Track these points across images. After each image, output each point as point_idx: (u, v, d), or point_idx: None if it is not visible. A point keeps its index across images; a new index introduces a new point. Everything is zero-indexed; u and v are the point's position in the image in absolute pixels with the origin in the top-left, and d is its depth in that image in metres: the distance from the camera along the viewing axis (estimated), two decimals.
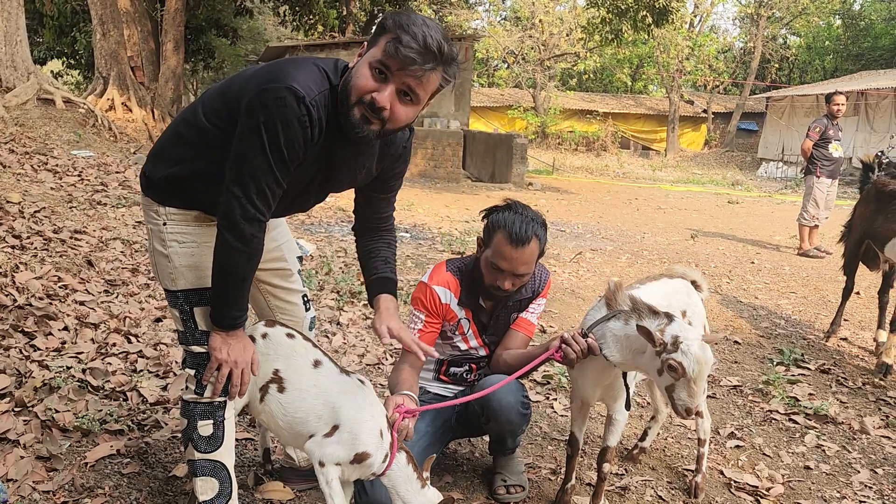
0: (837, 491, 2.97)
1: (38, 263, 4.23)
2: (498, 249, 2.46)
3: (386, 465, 2.12)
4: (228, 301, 2.01)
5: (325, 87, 1.88)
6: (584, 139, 30.58)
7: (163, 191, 2.05)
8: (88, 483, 2.48)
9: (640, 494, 2.84)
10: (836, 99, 8.45)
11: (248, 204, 1.87)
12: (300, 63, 1.91)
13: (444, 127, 16.85)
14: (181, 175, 2.02)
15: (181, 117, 2.09)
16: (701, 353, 2.00)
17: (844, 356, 4.75)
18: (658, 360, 2.05)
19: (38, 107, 8.96)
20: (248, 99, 1.83)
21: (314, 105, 1.83)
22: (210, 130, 1.97)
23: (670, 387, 2.04)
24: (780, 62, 34.68)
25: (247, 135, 1.83)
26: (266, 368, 2.17)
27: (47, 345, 3.38)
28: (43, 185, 6.25)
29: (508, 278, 2.48)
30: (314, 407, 2.13)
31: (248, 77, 1.94)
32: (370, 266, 2.32)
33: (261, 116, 1.80)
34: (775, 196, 17.34)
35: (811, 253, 8.65)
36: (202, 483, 2.14)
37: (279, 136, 1.81)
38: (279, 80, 1.81)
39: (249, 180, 1.86)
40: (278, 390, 2.15)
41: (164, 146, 2.09)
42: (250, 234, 1.91)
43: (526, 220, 2.47)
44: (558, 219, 10.70)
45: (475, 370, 2.78)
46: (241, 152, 1.85)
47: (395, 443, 2.14)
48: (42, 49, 22.03)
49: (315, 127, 1.85)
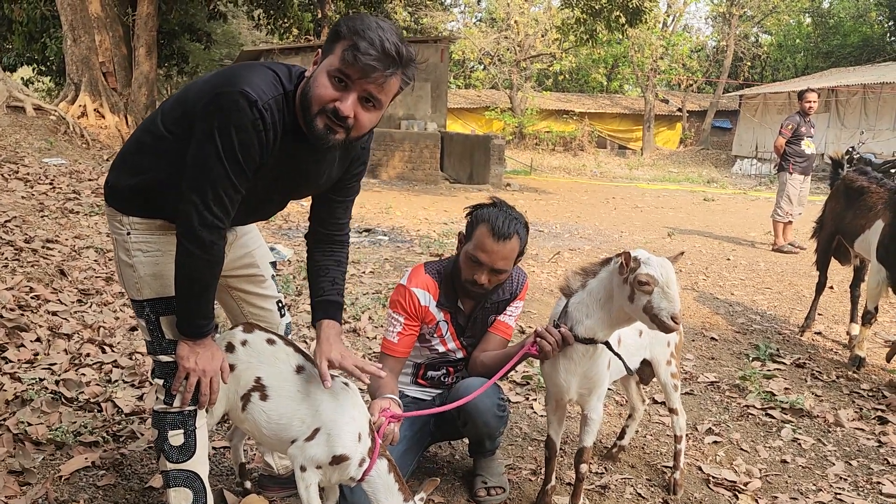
0: (813, 484, 3.01)
1: (8, 274, 4.16)
2: (479, 242, 2.47)
3: (364, 470, 2.11)
4: (193, 310, 1.99)
5: (278, 91, 1.87)
6: (561, 139, 30.74)
7: (126, 200, 2.03)
8: (63, 496, 2.44)
9: (620, 493, 2.85)
10: (807, 96, 8.56)
11: (206, 211, 1.85)
12: (254, 67, 1.90)
13: (422, 129, 16.85)
14: (144, 184, 2.00)
15: (142, 126, 2.07)
16: (661, 260, 2.10)
17: (819, 350, 4.81)
18: (627, 286, 2.11)
19: (7, 114, 8.82)
20: (203, 104, 1.83)
21: (267, 109, 1.82)
22: (169, 139, 1.95)
23: (647, 305, 2.07)
24: (753, 60, 35.11)
25: (202, 140, 1.82)
26: (247, 377, 2.14)
27: (19, 357, 3.33)
28: (14, 193, 6.15)
29: (486, 273, 2.49)
30: (298, 412, 2.11)
31: (203, 83, 1.94)
32: (317, 285, 2.27)
33: (214, 122, 1.79)
34: (750, 193, 17.55)
35: (785, 248, 8.76)
36: (176, 494, 2.11)
37: (233, 140, 1.80)
38: (232, 84, 1.80)
39: (206, 186, 1.84)
40: (261, 398, 2.12)
41: (126, 155, 2.07)
42: (209, 241, 1.89)
43: (509, 218, 2.50)
44: (536, 219, 10.73)
45: (452, 373, 2.78)
46: (196, 158, 1.84)
47: (377, 448, 2.13)
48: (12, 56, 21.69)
49: (269, 131, 1.84)
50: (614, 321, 2.26)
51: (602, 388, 2.45)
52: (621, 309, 2.18)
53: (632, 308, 2.13)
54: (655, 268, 2.07)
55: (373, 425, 2.17)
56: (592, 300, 2.27)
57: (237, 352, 2.17)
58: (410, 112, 17.72)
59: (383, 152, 15.59)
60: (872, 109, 20.24)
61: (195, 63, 24.00)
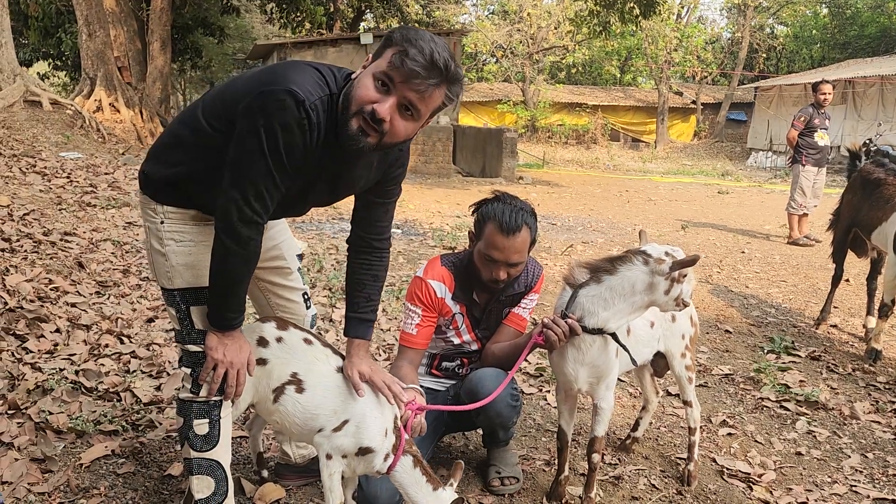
0: (828, 476, 3.00)
1: (28, 266, 4.21)
2: (490, 240, 2.48)
3: (389, 465, 2.14)
4: (225, 303, 2.01)
5: (325, 92, 1.87)
6: (573, 132, 30.61)
7: (161, 190, 2.05)
8: (84, 484, 2.49)
9: (634, 483, 2.86)
10: (822, 88, 8.49)
11: (246, 207, 1.87)
12: (300, 67, 1.90)
13: (434, 122, 16.84)
14: (180, 176, 2.02)
15: (180, 118, 2.09)
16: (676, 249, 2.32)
17: (834, 343, 4.79)
18: (667, 281, 2.24)
19: (24, 109, 8.91)
20: (247, 101, 1.82)
21: (314, 109, 1.82)
22: (208, 133, 1.96)
23: (680, 295, 2.27)
24: (768, 52, 34.78)
25: (245, 137, 1.82)
26: (281, 371, 2.17)
27: (39, 347, 3.38)
28: (32, 187, 6.22)
29: (503, 268, 2.50)
30: (332, 404, 2.15)
31: (248, 79, 1.94)
32: (353, 300, 2.29)
33: (260, 119, 1.79)
34: (765, 186, 17.42)
35: (801, 241, 8.70)
36: (198, 481, 2.15)
37: (278, 139, 1.80)
38: (279, 83, 1.80)
39: (247, 183, 1.85)
40: (297, 391, 2.15)
41: (163, 147, 2.09)
42: (247, 236, 1.91)
43: (515, 210, 2.50)
44: (549, 212, 10.72)
45: (467, 364, 2.80)
46: (239, 155, 1.85)
47: (402, 445, 2.16)
48: (28, 51, 21.87)
49: (314, 131, 1.84)
50: (633, 312, 2.33)
51: (611, 376, 2.46)
52: (650, 301, 2.29)
53: (665, 299, 2.27)
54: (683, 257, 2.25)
55: (399, 421, 2.19)
56: (613, 294, 2.29)
57: (270, 347, 2.19)
58: None
59: None
60: (890, 101, 20.01)
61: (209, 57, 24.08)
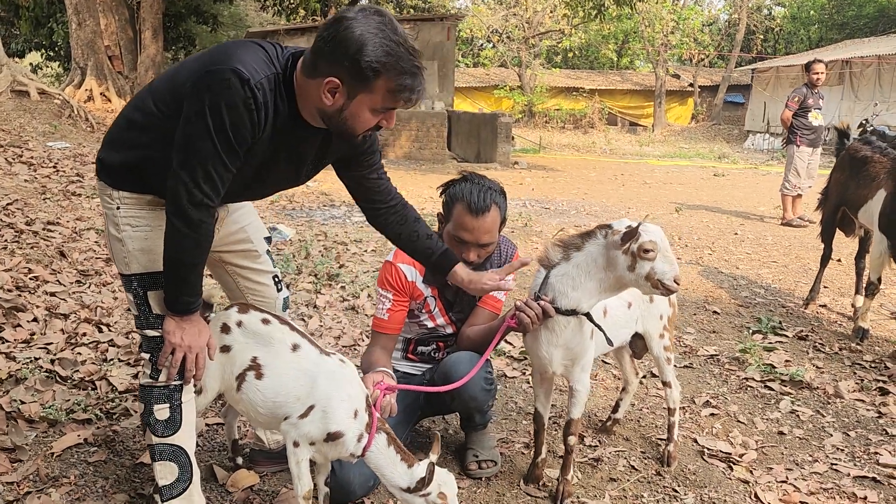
0: (809, 454, 2.98)
1: (7, 256, 4.18)
2: (459, 221, 2.45)
3: (363, 446, 2.11)
4: (180, 287, 1.99)
5: (271, 70, 1.86)
6: (571, 117, 30.47)
7: (116, 175, 2.03)
8: (53, 473, 2.46)
9: (613, 465, 2.84)
10: (815, 67, 8.43)
11: (195, 189, 1.84)
12: (246, 45, 1.89)
13: (429, 108, 16.75)
14: (134, 161, 2.00)
15: (132, 103, 2.07)
16: (655, 227, 2.15)
17: (823, 322, 4.77)
18: (626, 256, 2.14)
19: (11, 99, 8.84)
20: (193, 81, 1.81)
21: (259, 88, 1.80)
22: (159, 116, 1.94)
23: (650, 272, 2.12)
24: (766, 33, 34.56)
25: (192, 118, 1.80)
26: (243, 357, 2.15)
27: (16, 337, 3.35)
28: (17, 177, 6.18)
29: (473, 249, 2.47)
30: (294, 390, 2.11)
31: (194, 60, 1.93)
32: (422, 249, 2.33)
33: (205, 99, 1.78)
34: (761, 167, 17.35)
35: (794, 222, 8.66)
36: (161, 467, 2.12)
37: (224, 118, 1.78)
38: (223, 62, 1.79)
39: (196, 164, 1.83)
40: (256, 377, 2.13)
41: (117, 132, 2.06)
42: (198, 219, 1.88)
43: (483, 189, 2.46)
44: (543, 196, 10.67)
45: (443, 348, 2.77)
46: (186, 136, 1.83)
47: (375, 423, 2.13)
48: (20, 41, 21.73)
49: (261, 110, 1.83)
50: (604, 291, 2.27)
51: (586, 358, 2.43)
52: (617, 279, 2.20)
53: (632, 276, 2.16)
54: (654, 234, 2.11)
55: (370, 401, 2.16)
56: (580, 272, 2.26)
57: (232, 332, 2.17)
58: None
59: (390, 132, 15.52)
60: (887, 81, 19.88)
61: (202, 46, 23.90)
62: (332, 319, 4.26)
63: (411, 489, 2.08)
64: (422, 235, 2.31)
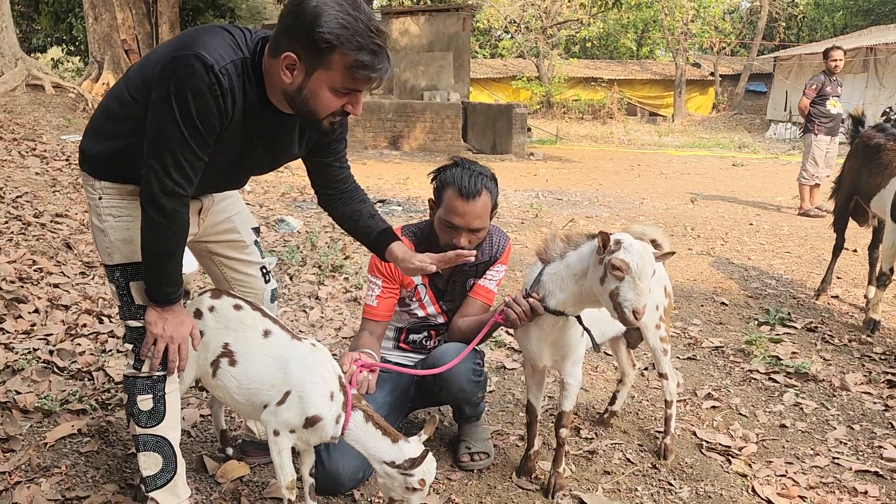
0: (811, 448, 2.92)
1: (13, 248, 4.22)
2: (450, 206, 2.42)
3: (341, 426, 2.09)
4: (159, 276, 1.99)
5: (237, 55, 1.84)
6: (589, 107, 30.20)
7: (97, 165, 2.03)
8: (45, 463, 2.48)
9: (608, 458, 2.80)
10: (833, 54, 8.27)
11: (166, 177, 1.84)
12: (212, 30, 1.87)
13: (444, 99, 16.69)
14: (113, 150, 2.00)
15: (110, 93, 2.07)
16: (642, 250, 1.98)
17: (833, 314, 4.67)
18: (601, 267, 2.03)
19: (26, 93, 8.94)
20: (159, 68, 1.80)
21: (224, 73, 1.79)
22: (133, 105, 1.94)
23: (614, 292, 1.98)
24: (788, 21, 33.99)
25: (159, 105, 1.80)
26: (216, 343, 2.15)
27: (16, 327, 3.38)
28: (28, 170, 6.24)
29: (464, 235, 2.44)
30: (267, 376, 2.10)
31: (163, 48, 1.92)
32: (362, 227, 2.31)
33: (171, 86, 1.77)
34: (782, 157, 17.08)
35: (812, 212, 8.52)
36: (145, 458, 2.12)
37: (190, 105, 1.77)
38: (188, 48, 1.77)
39: (165, 153, 1.82)
40: (229, 363, 2.13)
41: (96, 122, 2.07)
42: (171, 208, 1.88)
43: (474, 174, 2.43)
44: (556, 187, 10.59)
45: (434, 337, 2.75)
46: (154, 124, 1.82)
47: (349, 401, 2.10)
48: (41, 36, 21.98)
49: (227, 96, 1.81)
50: (584, 300, 2.18)
51: (577, 353, 2.39)
52: (591, 289, 2.10)
53: (600, 290, 2.05)
54: (633, 256, 1.96)
55: (343, 380, 2.14)
56: (568, 274, 2.19)
57: (205, 318, 2.17)
58: (433, 82, 17.56)
59: (404, 123, 15.50)
60: None
61: None
62: (333, 311, 4.25)
63: (396, 464, 2.05)
64: (364, 215, 2.30)
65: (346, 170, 2.32)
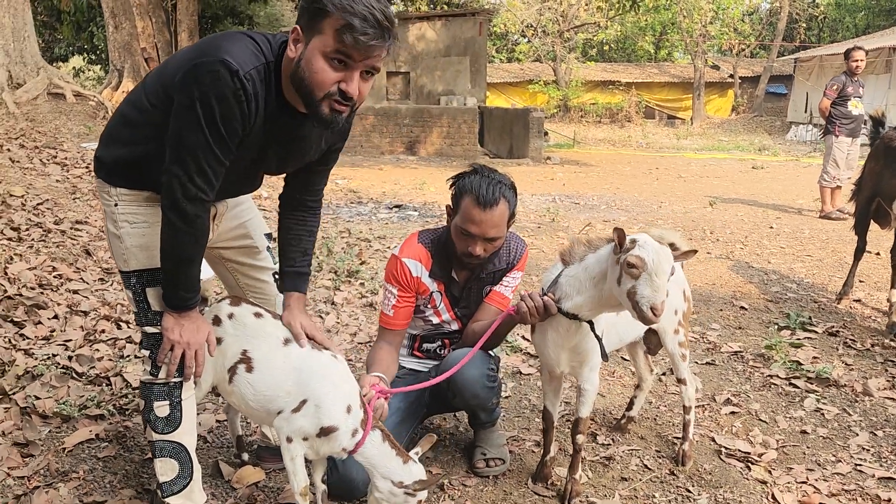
0: (833, 454, 2.87)
1: (33, 254, 4.27)
2: (466, 214, 2.40)
3: (357, 442, 2.10)
4: (178, 282, 2.00)
5: (260, 61, 1.85)
6: (607, 111, 30.06)
7: (113, 172, 2.05)
8: (63, 468, 2.50)
9: (625, 464, 2.77)
10: (854, 55, 8.18)
11: (189, 183, 1.85)
12: (234, 37, 1.88)
13: (461, 104, 16.70)
14: (130, 157, 2.01)
15: (126, 100, 2.09)
16: (658, 247, 1.97)
17: (855, 318, 4.60)
18: (617, 267, 2.01)
19: (48, 101, 9.06)
20: (182, 74, 1.81)
21: (249, 79, 1.80)
22: (151, 112, 1.95)
23: (631, 290, 1.97)
24: (809, 21, 33.66)
25: (182, 112, 1.81)
26: (234, 350, 2.16)
27: (36, 333, 3.41)
28: (49, 177, 6.32)
29: (479, 243, 2.42)
30: (284, 384, 2.11)
31: (183, 54, 1.93)
32: (289, 255, 2.30)
33: (195, 92, 1.77)
34: (802, 159, 16.89)
35: (833, 215, 8.41)
36: (162, 464, 2.13)
37: (214, 111, 1.78)
38: (212, 54, 1.78)
39: (188, 158, 1.83)
40: (247, 370, 2.13)
41: (112, 130, 2.08)
42: (193, 213, 1.89)
43: (493, 183, 2.41)
44: (574, 191, 10.54)
45: (448, 346, 2.74)
46: (177, 130, 1.83)
47: (370, 420, 2.12)
48: (62, 46, 22.33)
49: (251, 101, 1.82)
50: (602, 304, 2.16)
51: (595, 359, 2.37)
52: (611, 291, 2.08)
53: (619, 291, 2.03)
54: (649, 252, 1.95)
55: (363, 398, 2.15)
56: (587, 276, 2.18)
57: (224, 325, 2.18)
58: (450, 87, 17.60)
59: (421, 128, 15.52)
60: None
61: None
62: (349, 316, 4.26)
63: (404, 485, 2.07)
64: (300, 245, 2.29)
65: (323, 184, 2.33)
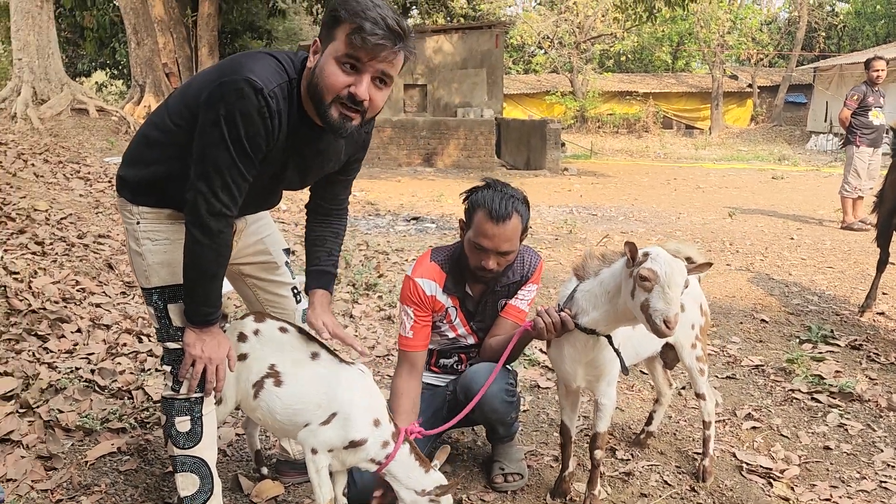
0: (857, 471, 2.84)
1: (57, 268, 4.33)
2: (479, 228, 2.41)
3: (388, 454, 2.12)
4: (200, 298, 2.02)
5: (283, 79, 1.89)
6: (624, 121, 29.96)
7: (136, 191, 2.08)
8: (86, 481, 2.52)
9: (645, 480, 2.75)
10: (874, 65, 8.12)
11: (214, 199, 1.88)
12: (258, 56, 1.92)
13: (478, 116, 16.76)
14: (153, 177, 2.05)
15: (149, 120, 2.13)
16: (671, 259, 1.97)
17: (879, 331, 4.54)
18: (630, 281, 2.01)
19: (71, 117, 9.22)
20: (207, 93, 1.85)
21: (273, 97, 1.84)
22: (174, 131, 1.99)
23: (645, 303, 1.96)
24: (828, 31, 33.42)
25: (208, 129, 1.84)
26: (260, 365, 2.18)
27: (59, 347, 3.46)
28: (72, 192, 6.41)
29: (492, 257, 2.43)
30: (314, 397, 2.14)
31: (206, 73, 1.98)
32: (314, 255, 2.35)
33: (221, 109, 1.81)
34: (823, 169, 16.75)
35: (855, 226, 8.32)
36: (183, 479, 2.15)
37: (240, 128, 1.82)
38: (236, 73, 1.82)
39: (213, 174, 1.86)
40: (275, 384, 2.16)
41: (135, 149, 2.12)
42: (217, 229, 1.92)
43: (506, 197, 2.42)
44: (591, 203, 10.52)
45: (465, 361, 2.74)
46: (202, 147, 1.87)
47: (402, 437, 2.16)
48: (85, 61, 22.68)
49: (275, 118, 1.86)
50: (618, 318, 2.15)
51: (612, 374, 2.36)
52: (625, 305, 2.08)
53: (632, 304, 2.02)
54: (661, 265, 1.95)
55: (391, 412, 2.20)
56: (602, 291, 2.18)
57: (249, 341, 2.20)
58: (466, 99, 17.66)
59: (438, 140, 15.58)
60: None
61: None
62: (367, 329, 4.27)
63: (427, 492, 2.11)
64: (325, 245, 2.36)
65: (347, 194, 2.40)
